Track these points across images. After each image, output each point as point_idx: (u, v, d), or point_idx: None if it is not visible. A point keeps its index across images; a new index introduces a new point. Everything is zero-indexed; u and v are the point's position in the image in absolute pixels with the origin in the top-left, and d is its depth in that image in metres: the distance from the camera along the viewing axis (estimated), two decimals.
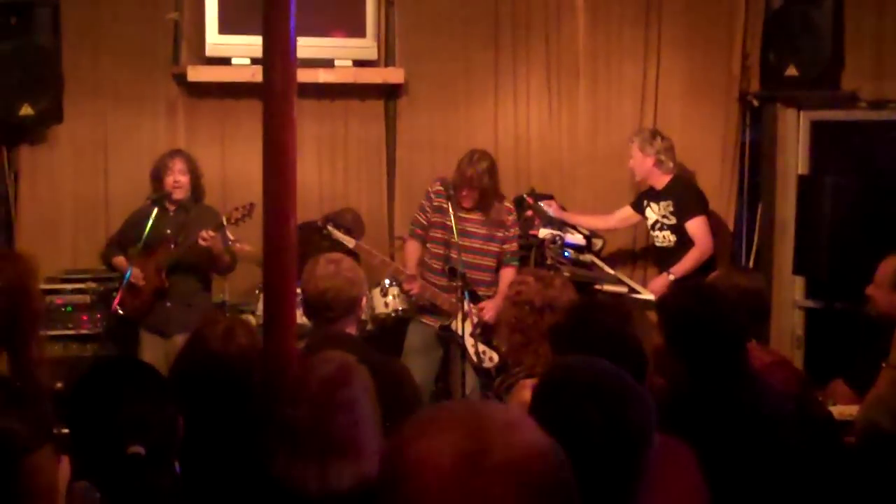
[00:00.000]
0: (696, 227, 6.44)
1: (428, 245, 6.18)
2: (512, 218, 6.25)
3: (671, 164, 6.56)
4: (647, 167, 6.57)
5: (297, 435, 2.41)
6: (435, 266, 6.12)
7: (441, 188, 6.13)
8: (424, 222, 6.20)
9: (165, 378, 2.69)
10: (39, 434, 2.81)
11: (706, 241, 6.41)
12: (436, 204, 6.13)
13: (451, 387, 6.16)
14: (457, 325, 5.86)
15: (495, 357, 5.78)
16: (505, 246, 6.19)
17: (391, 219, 7.30)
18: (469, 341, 5.78)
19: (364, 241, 6.15)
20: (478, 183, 6.03)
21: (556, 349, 3.22)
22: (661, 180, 6.57)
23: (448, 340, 6.08)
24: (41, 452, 2.78)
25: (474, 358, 5.76)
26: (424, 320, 6.17)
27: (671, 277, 6.30)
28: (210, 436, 2.83)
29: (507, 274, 6.11)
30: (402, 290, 6.20)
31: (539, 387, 2.39)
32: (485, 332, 5.87)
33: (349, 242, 5.89)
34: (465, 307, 5.72)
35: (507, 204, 6.28)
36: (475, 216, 6.10)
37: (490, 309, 5.97)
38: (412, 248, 6.27)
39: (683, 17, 7.24)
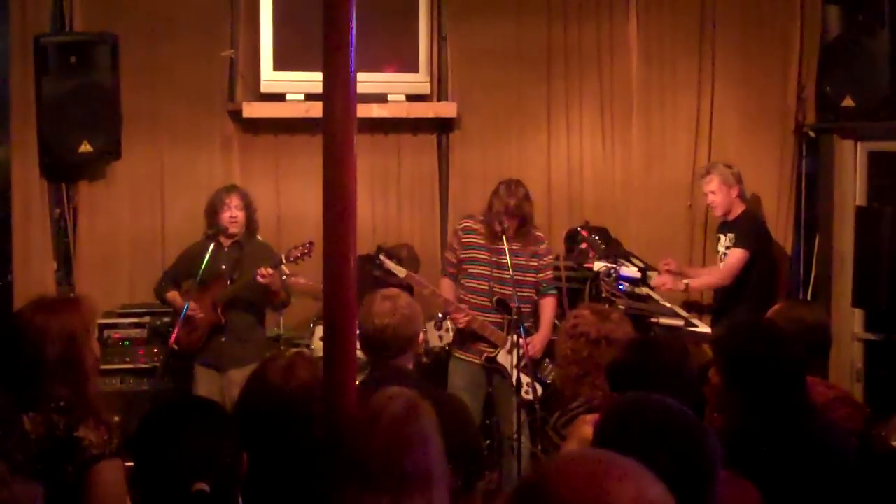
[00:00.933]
0: (731, 257, 6.48)
1: (463, 282, 6.11)
2: (545, 247, 6.19)
3: (745, 192, 6.56)
4: (731, 199, 6.59)
5: (370, 470, 2.45)
6: (475, 301, 6.05)
7: (469, 224, 6.11)
8: (455, 261, 6.16)
9: (228, 414, 2.71)
10: (110, 444, 2.87)
11: (730, 272, 6.46)
12: (465, 241, 6.09)
13: (502, 421, 6.09)
14: (503, 357, 5.82)
15: (539, 390, 5.73)
16: (540, 275, 6.12)
17: (444, 252, 7.30)
18: (514, 374, 5.75)
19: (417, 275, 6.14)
20: (519, 211, 6.00)
21: (615, 385, 3.20)
22: (737, 210, 6.57)
23: (492, 374, 6.02)
24: (112, 462, 2.83)
25: (522, 391, 5.72)
26: (464, 357, 6.11)
27: (685, 283, 6.47)
28: (272, 471, 2.84)
29: (548, 304, 6.09)
30: (451, 321, 6.15)
31: (603, 423, 2.38)
32: (528, 366, 5.81)
33: (400, 273, 5.88)
34: (519, 340, 5.68)
35: (538, 232, 6.21)
36: (515, 246, 6.00)
37: (536, 343, 5.92)
38: (447, 285, 6.19)
39: (737, 50, 7.22)
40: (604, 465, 1.49)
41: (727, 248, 6.56)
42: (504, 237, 5.89)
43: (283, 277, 6.19)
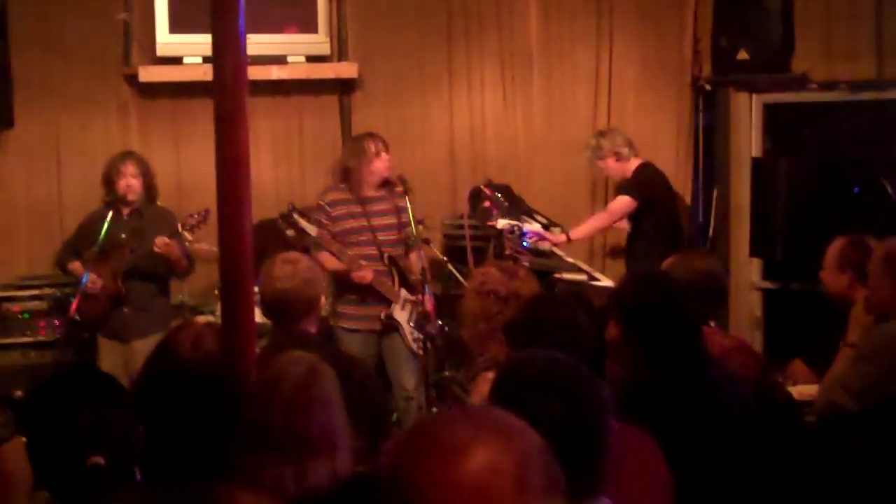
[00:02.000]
0: (616, 201, 6.61)
1: (349, 252, 5.87)
2: (406, 200, 5.90)
3: (626, 150, 6.61)
4: (612, 167, 6.65)
5: (271, 437, 2.46)
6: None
7: (335, 195, 5.96)
8: (330, 237, 5.93)
9: (124, 386, 2.67)
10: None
11: (611, 213, 6.61)
12: (335, 214, 5.93)
13: (394, 377, 6.02)
14: (399, 313, 5.82)
15: (429, 346, 5.70)
16: (407, 229, 5.94)
17: None
18: (407, 329, 5.77)
19: None
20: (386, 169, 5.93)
21: (512, 343, 3.24)
22: (629, 169, 6.63)
23: (382, 336, 5.98)
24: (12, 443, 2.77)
25: (413, 346, 5.74)
26: (358, 327, 5.95)
27: (567, 233, 6.57)
28: (174, 442, 2.81)
29: (415, 257, 5.93)
30: (349, 280, 6.00)
31: (497, 382, 2.43)
32: (419, 321, 5.77)
33: (312, 230, 5.79)
34: (405, 294, 5.70)
35: (399, 187, 5.98)
36: (384, 206, 5.93)
37: (430, 299, 5.83)
38: (327, 258, 5.86)
39: (634, 4, 7.28)
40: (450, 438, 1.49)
41: None
42: (367, 197, 5.83)
43: (186, 244, 6.10)
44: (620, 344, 3.35)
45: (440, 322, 5.63)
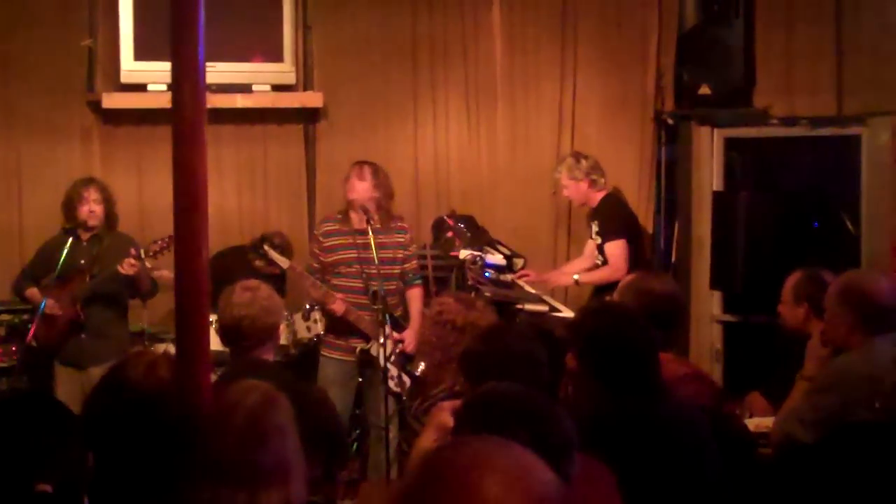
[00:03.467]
0: (612, 250, 6.49)
1: (334, 282, 5.98)
2: (409, 236, 6.16)
3: (603, 180, 6.64)
4: (582, 191, 6.62)
5: (224, 466, 2.43)
6: (351, 301, 5.92)
7: (329, 226, 6.04)
8: (319, 266, 6.04)
9: (75, 414, 2.65)
10: None
11: (619, 265, 6.40)
12: (328, 245, 6.00)
13: (370, 412, 6.09)
14: (377, 349, 5.82)
15: (407, 382, 5.77)
16: (406, 265, 6.10)
17: (310, 245, 7.25)
18: (386, 365, 5.76)
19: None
20: (384, 196, 6.00)
21: (467, 375, 3.24)
22: (596, 197, 6.64)
23: (365, 365, 6.00)
24: None
25: (391, 383, 5.74)
26: (334, 356, 6.03)
27: (575, 278, 6.53)
28: (124, 471, 2.79)
29: (415, 295, 6.09)
30: (326, 311, 6.05)
31: (463, 412, 2.45)
32: (400, 358, 5.84)
33: (283, 263, 5.79)
34: (387, 331, 5.69)
35: (400, 222, 6.15)
36: (381, 238, 5.91)
37: (408, 337, 5.90)
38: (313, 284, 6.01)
39: (598, 38, 7.34)
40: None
41: (596, 232, 6.64)
42: (370, 229, 5.83)
43: (149, 267, 6.07)
44: (578, 374, 3.36)
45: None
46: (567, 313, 6.11)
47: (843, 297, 4.10)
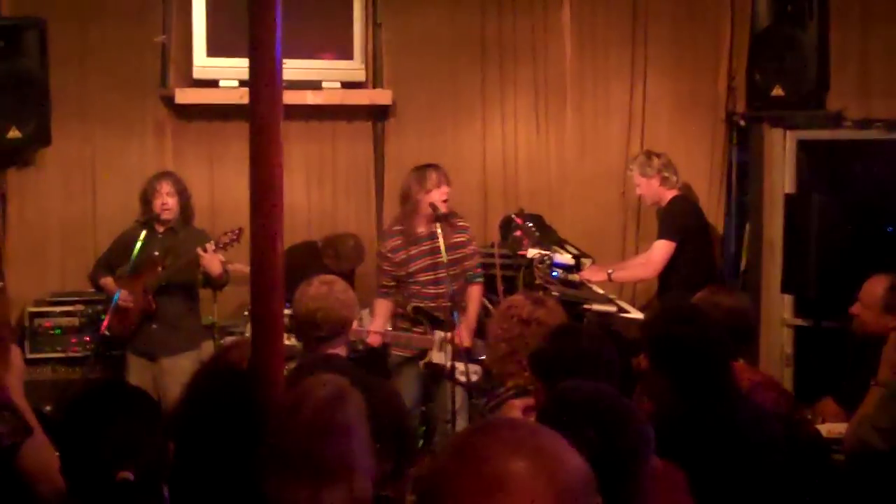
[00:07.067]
0: (656, 248, 6.53)
1: (414, 290, 6.00)
2: (469, 234, 6.12)
3: (675, 178, 6.62)
4: (654, 188, 6.61)
5: (290, 459, 2.44)
6: (433, 305, 5.97)
7: (395, 242, 6.03)
8: (391, 283, 6.05)
9: (154, 402, 2.68)
10: (19, 430, 2.76)
11: (655, 265, 6.48)
12: (398, 260, 6.01)
13: (438, 407, 6.10)
14: (437, 356, 5.84)
15: (479, 370, 5.75)
16: (467, 263, 6.06)
17: (378, 248, 7.26)
18: (451, 365, 5.75)
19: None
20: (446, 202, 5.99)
21: (537, 372, 3.24)
22: (666, 197, 6.61)
23: (433, 379, 6.01)
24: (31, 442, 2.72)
25: (461, 377, 5.73)
26: (403, 353, 6.08)
27: (609, 272, 6.51)
28: (203, 461, 2.81)
29: (475, 292, 6.07)
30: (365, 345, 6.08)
31: (539, 415, 2.46)
32: (460, 354, 5.80)
33: None
34: (449, 335, 5.69)
35: (460, 222, 6.11)
36: (447, 240, 5.91)
37: (463, 332, 5.85)
38: (383, 306, 6.08)
39: (669, 39, 7.28)
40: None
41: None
42: (440, 232, 5.83)
43: (222, 260, 6.13)
44: (650, 375, 3.34)
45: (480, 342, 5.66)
46: (635, 314, 6.08)
47: None
